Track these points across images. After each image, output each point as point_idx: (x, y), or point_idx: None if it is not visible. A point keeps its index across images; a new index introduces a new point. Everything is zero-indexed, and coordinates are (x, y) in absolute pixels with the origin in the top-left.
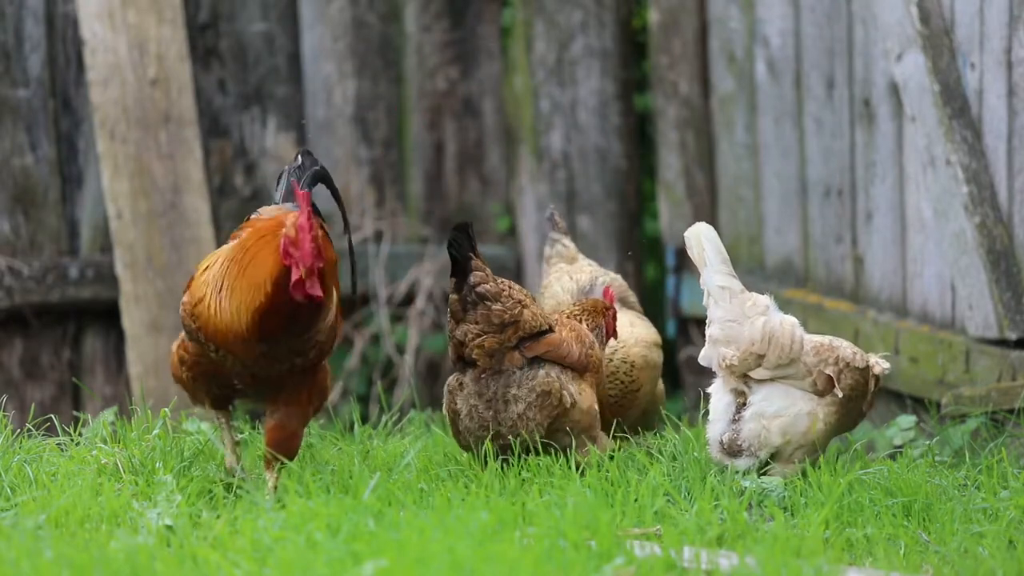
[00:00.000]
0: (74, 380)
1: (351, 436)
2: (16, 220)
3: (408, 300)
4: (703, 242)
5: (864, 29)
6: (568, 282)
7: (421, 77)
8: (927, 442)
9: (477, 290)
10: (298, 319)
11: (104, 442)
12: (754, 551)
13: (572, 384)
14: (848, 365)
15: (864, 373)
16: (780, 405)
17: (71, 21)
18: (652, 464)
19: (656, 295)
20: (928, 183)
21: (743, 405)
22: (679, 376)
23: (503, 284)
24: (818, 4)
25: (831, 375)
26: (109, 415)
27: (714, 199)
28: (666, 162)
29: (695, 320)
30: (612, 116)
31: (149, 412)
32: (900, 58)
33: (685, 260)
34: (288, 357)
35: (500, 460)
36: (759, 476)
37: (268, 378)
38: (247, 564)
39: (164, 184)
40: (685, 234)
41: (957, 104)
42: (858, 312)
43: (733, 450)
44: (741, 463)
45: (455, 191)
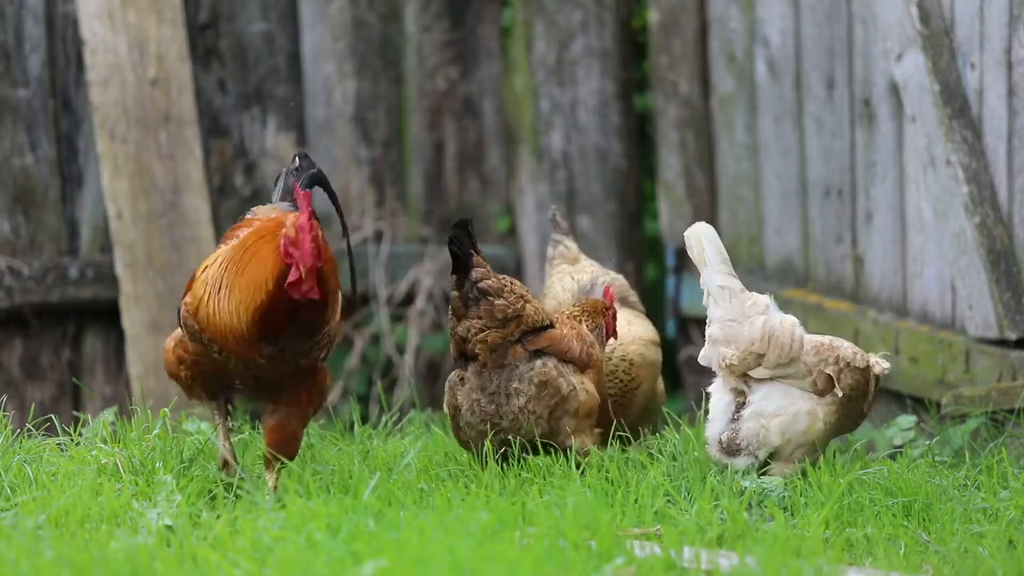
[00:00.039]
0: (74, 380)
1: (351, 436)
2: (16, 220)
3: (408, 300)
4: (703, 242)
5: (864, 29)
6: (570, 282)
7: (421, 77)
8: (927, 442)
9: (479, 286)
10: (300, 319)
11: (104, 442)
12: (754, 551)
13: (572, 376)
14: (848, 365)
15: (864, 373)
16: (779, 404)
17: (71, 21)
18: (652, 464)
19: (656, 295)
20: (928, 183)
21: (743, 404)
22: (679, 376)
23: (504, 280)
24: (818, 4)
25: (831, 375)
26: (109, 415)
27: (714, 199)
28: (666, 162)
29: (695, 320)
30: (612, 116)
31: (149, 412)
32: (900, 58)
33: (685, 260)
34: (294, 359)
35: (500, 455)
36: (759, 476)
37: (271, 379)
38: (247, 564)
39: (164, 184)
40: (685, 234)
41: (957, 104)
42: (858, 312)
43: (732, 449)
44: (740, 462)
45: (455, 191)
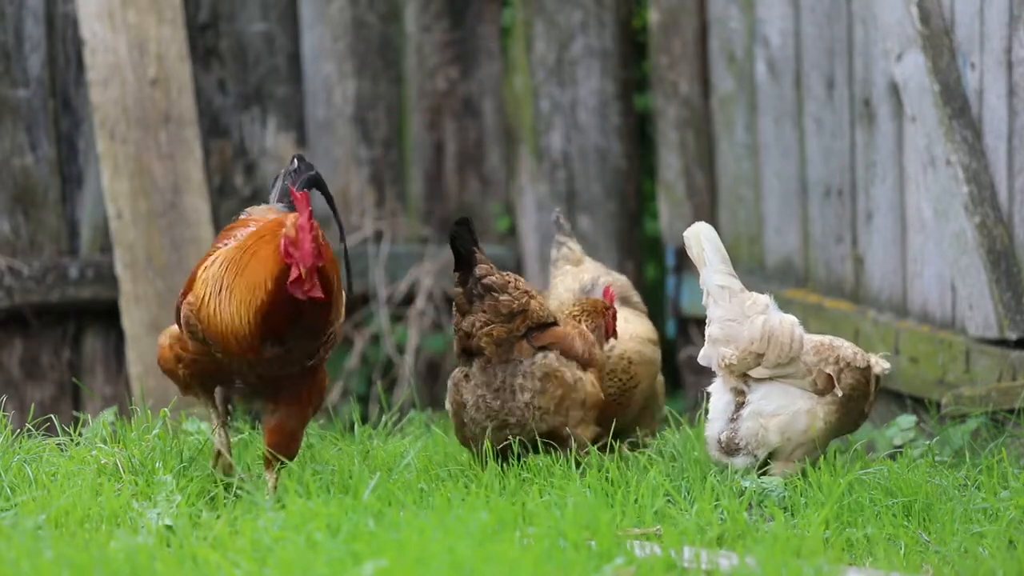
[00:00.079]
0: (74, 380)
1: (351, 436)
2: (16, 220)
3: (408, 300)
4: (702, 242)
5: (864, 29)
6: (571, 282)
7: (421, 77)
8: (927, 442)
9: (483, 282)
10: (304, 320)
11: (104, 442)
12: (754, 551)
13: (576, 371)
14: (848, 365)
15: (865, 373)
16: (779, 404)
17: (71, 21)
18: (652, 464)
19: (656, 295)
20: (928, 183)
21: (742, 404)
22: (679, 376)
23: (508, 276)
24: (818, 4)
25: (831, 374)
26: (109, 415)
27: (714, 199)
28: (666, 162)
29: (695, 320)
30: (612, 116)
31: (149, 412)
32: (900, 58)
33: (685, 260)
34: (301, 359)
35: (504, 453)
36: (759, 476)
37: (274, 379)
38: (247, 564)
39: (164, 184)
40: (684, 234)
41: (957, 104)
42: (858, 312)
43: (731, 448)
44: (739, 462)
45: (455, 191)
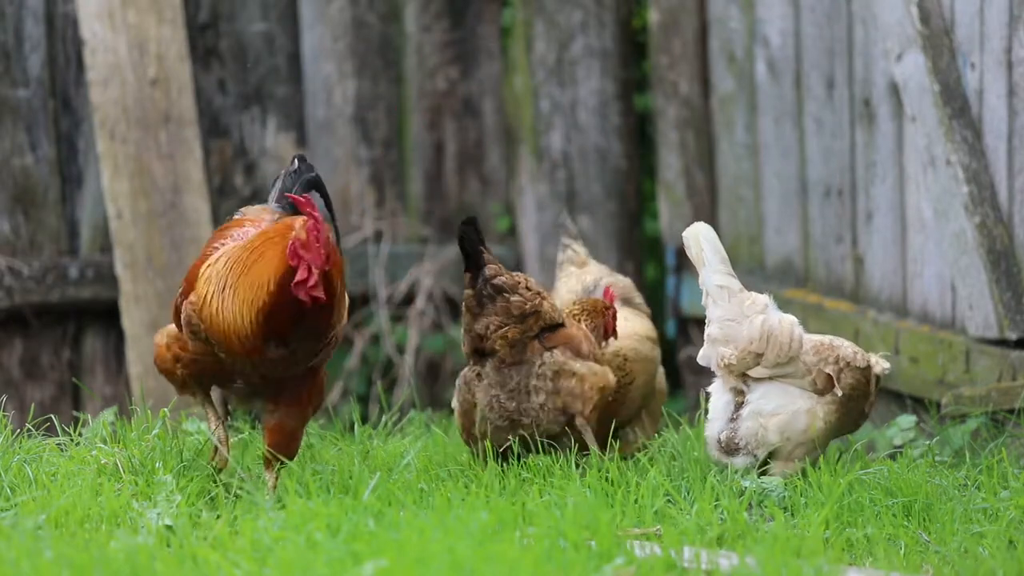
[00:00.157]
0: (74, 380)
1: (351, 436)
2: (16, 220)
3: (408, 300)
4: (701, 242)
5: (864, 29)
6: (575, 284)
7: (421, 77)
8: (927, 442)
9: (493, 282)
10: (307, 322)
11: (104, 442)
12: (754, 551)
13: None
14: (848, 364)
15: (865, 373)
16: (778, 403)
17: (71, 21)
18: (652, 464)
19: (656, 295)
20: (928, 183)
21: (742, 404)
22: (679, 376)
23: (518, 276)
24: (818, 4)
25: (831, 374)
26: (109, 415)
27: (714, 199)
28: (666, 162)
29: (695, 320)
30: (612, 116)
31: (149, 412)
32: (900, 58)
33: (685, 260)
34: (304, 360)
35: (505, 453)
36: (759, 476)
37: (275, 379)
38: (247, 564)
39: (164, 184)
40: (683, 234)
41: (957, 104)
42: (858, 312)
43: (730, 448)
44: (739, 462)
45: (455, 191)
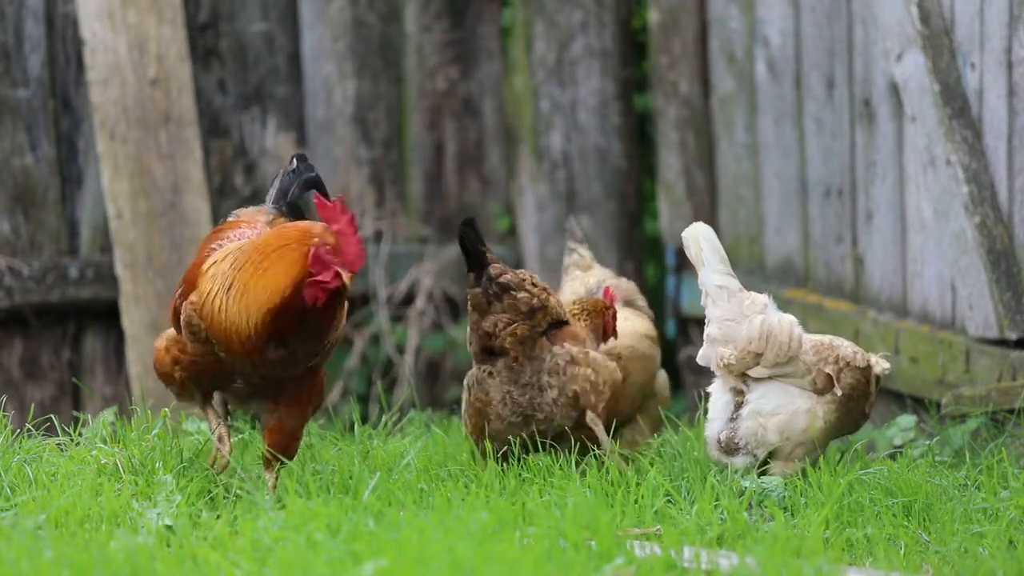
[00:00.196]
0: (74, 380)
1: (351, 436)
2: (16, 220)
3: (408, 300)
4: (701, 242)
5: (864, 29)
6: (578, 287)
7: (421, 77)
8: (927, 442)
9: (499, 281)
10: (309, 323)
11: (104, 442)
12: (754, 551)
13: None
14: (848, 364)
15: (865, 372)
16: (778, 403)
17: (71, 21)
18: (652, 464)
19: (656, 295)
20: (928, 183)
21: (741, 404)
22: (679, 376)
23: (523, 273)
24: (818, 4)
25: (831, 374)
26: (109, 415)
27: (714, 199)
28: (666, 162)
29: (695, 320)
30: (612, 116)
31: (149, 412)
32: (900, 58)
33: (685, 260)
34: (305, 360)
35: (505, 453)
36: (759, 476)
37: (275, 379)
38: (247, 564)
39: (164, 184)
40: (683, 234)
41: (957, 104)
42: (858, 312)
43: (730, 448)
44: (739, 461)
45: (455, 191)
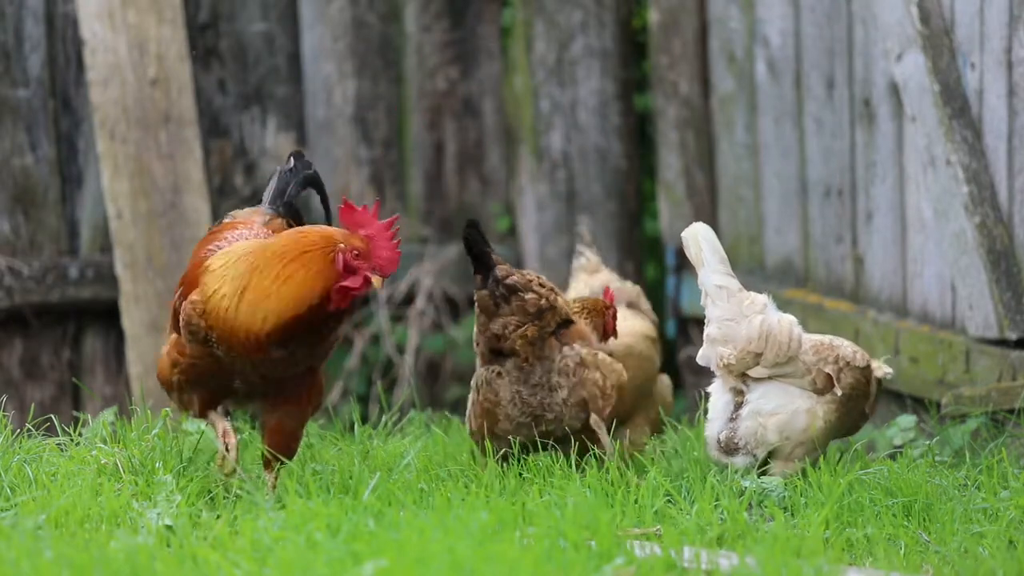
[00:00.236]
0: (74, 380)
1: (351, 436)
2: (16, 220)
3: (408, 300)
4: (700, 242)
5: (864, 29)
6: (583, 289)
7: (421, 77)
8: (927, 442)
9: (506, 283)
10: (322, 325)
11: (104, 442)
12: (754, 551)
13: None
14: (848, 364)
15: (865, 372)
16: (777, 403)
17: (71, 21)
18: (652, 464)
19: (656, 295)
20: (928, 183)
21: (741, 404)
22: (679, 376)
23: (529, 274)
24: (818, 4)
25: (830, 373)
26: (109, 415)
27: (714, 199)
28: (666, 162)
29: (695, 320)
30: (612, 116)
31: (149, 412)
32: (900, 58)
33: (685, 260)
34: (304, 360)
35: (505, 453)
36: (759, 476)
37: (275, 379)
38: (247, 564)
39: (164, 184)
40: (682, 234)
41: (957, 104)
42: (858, 312)
43: (730, 448)
44: (738, 461)
45: (455, 191)
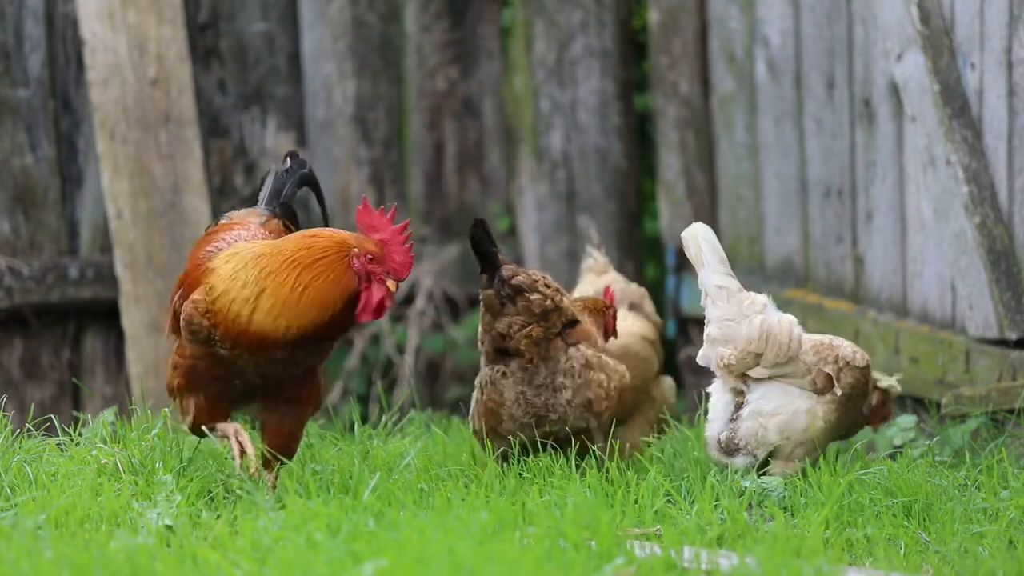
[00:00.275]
0: (74, 380)
1: (351, 436)
2: (16, 220)
3: (408, 300)
4: (700, 242)
5: (864, 29)
6: (588, 289)
7: (421, 77)
8: (927, 442)
9: (512, 283)
10: (335, 332)
11: (104, 442)
12: (754, 551)
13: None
14: (848, 364)
15: (865, 372)
16: (778, 403)
17: (71, 21)
18: (652, 464)
19: (656, 295)
20: (928, 183)
21: (741, 404)
22: (679, 376)
23: (535, 274)
24: (818, 4)
25: (830, 373)
26: (109, 415)
27: (714, 199)
28: (666, 162)
29: (695, 320)
30: (612, 116)
31: (149, 412)
32: (900, 58)
33: (685, 260)
34: (304, 360)
35: (505, 453)
36: (759, 476)
37: (275, 379)
38: (247, 564)
39: (164, 184)
40: (682, 235)
41: (957, 104)
42: (858, 312)
43: (730, 448)
44: (739, 462)
45: (455, 191)
